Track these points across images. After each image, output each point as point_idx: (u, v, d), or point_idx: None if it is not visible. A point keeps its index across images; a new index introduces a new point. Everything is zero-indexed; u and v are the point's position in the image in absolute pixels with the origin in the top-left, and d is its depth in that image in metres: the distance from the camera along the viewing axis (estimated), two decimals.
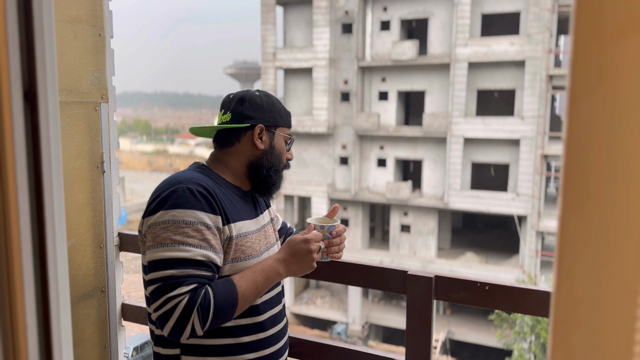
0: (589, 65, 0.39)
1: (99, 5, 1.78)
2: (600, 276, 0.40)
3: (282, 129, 1.48)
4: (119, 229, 1.98)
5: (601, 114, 0.39)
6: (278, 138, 1.46)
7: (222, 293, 1.22)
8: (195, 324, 1.18)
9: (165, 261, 1.21)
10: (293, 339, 1.74)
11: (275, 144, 1.45)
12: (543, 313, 1.43)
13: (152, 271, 1.23)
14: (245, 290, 1.27)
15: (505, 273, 17.17)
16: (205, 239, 1.24)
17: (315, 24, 19.57)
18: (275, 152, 1.45)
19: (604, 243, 0.40)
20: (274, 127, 1.45)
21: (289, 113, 1.51)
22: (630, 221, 0.39)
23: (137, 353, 11.04)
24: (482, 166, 19.19)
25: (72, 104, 1.72)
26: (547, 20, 16.52)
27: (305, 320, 20.06)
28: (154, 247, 1.23)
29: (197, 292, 1.19)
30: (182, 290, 1.18)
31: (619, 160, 0.39)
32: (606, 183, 0.39)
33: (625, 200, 0.39)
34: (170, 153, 66.09)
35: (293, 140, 1.52)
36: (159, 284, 1.20)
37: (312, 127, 19.94)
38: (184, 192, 1.26)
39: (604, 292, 0.40)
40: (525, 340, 13.27)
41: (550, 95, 17.25)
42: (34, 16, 0.57)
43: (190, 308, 1.17)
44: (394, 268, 1.63)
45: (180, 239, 1.21)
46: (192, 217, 1.24)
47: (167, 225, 1.23)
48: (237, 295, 1.24)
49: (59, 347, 0.61)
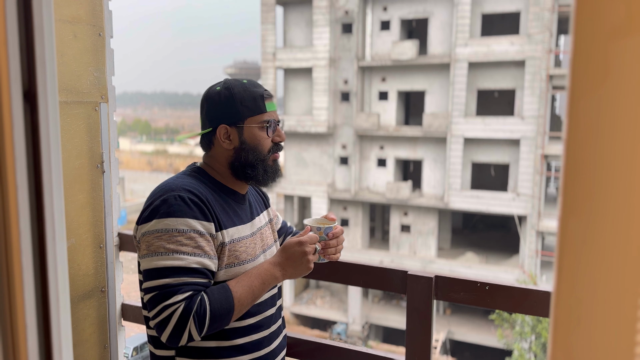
0: (589, 65, 0.39)
1: (99, 5, 1.78)
2: (600, 276, 0.40)
3: (251, 118, 1.37)
4: (119, 229, 1.98)
5: (601, 114, 0.39)
6: (248, 130, 1.37)
7: (217, 299, 1.22)
8: (192, 330, 1.19)
9: (160, 270, 1.22)
10: (292, 339, 1.74)
11: (245, 139, 1.38)
12: (543, 313, 1.43)
13: (148, 280, 1.24)
14: (242, 295, 1.27)
15: (505, 273, 17.17)
16: (198, 246, 1.25)
17: (315, 23, 19.57)
18: (248, 146, 1.38)
19: (604, 243, 0.40)
20: (239, 121, 1.37)
21: (257, 97, 1.38)
22: (630, 221, 0.39)
23: (137, 353, 11.04)
24: (482, 166, 19.19)
25: (72, 104, 1.72)
26: (547, 20, 16.52)
27: (305, 320, 20.05)
28: (149, 255, 1.25)
29: (193, 300, 1.19)
30: (177, 299, 1.19)
31: (619, 160, 0.39)
32: (606, 183, 0.39)
33: (625, 200, 0.39)
34: (170, 153, 66.08)
35: (272, 121, 1.40)
36: (155, 293, 1.21)
37: (312, 127, 19.93)
38: (176, 200, 1.26)
39: (604, 292, 0.40)
40: (526, 340, 13.27)
41: (550, 95, 17.25)
42: (34, 16, 0.57)
43: (186, 316, 1.18)
44: (394, 268, 1.63)
45: (174, 248, 1.22)
46: (184, 225, 1.24)
47: (160, 234, 1.24)
48: (233, 300, 1.25)
49: (58, 347, 0.61)
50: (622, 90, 0.38)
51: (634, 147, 0.38)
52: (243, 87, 1.38)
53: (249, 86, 1.39)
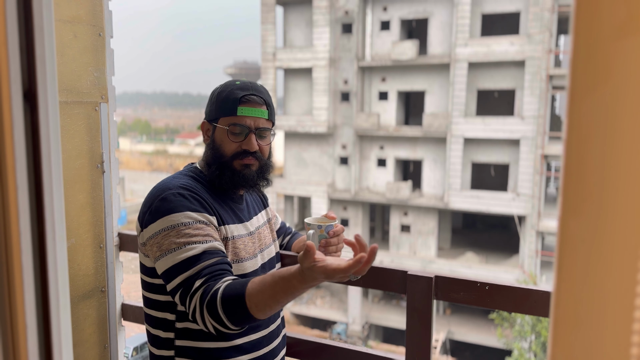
0: (589, 65, 0.39)
1: (99, 5, 1.78)
2: (600, 276, 0.40)
3: (223, 119, 1.37)
4: (119, 229, 1.98)
5: (601, 114, 0.39)
6: (218, 130, 1.38)
7: (231, 287, 1.16)
8: (221, 313, 1.14)
9: (177, 266, 1.21)
10: (292, 339, 1.74)
11: (215, 137, 1.39)
12: (543, 313, 1.43)
13: (170, 280, 1.23)
14: (257, 290, 1.13)
15: (505, 273, 17.17)
16: (207, 234, 1.25)
17: (315, 24, 19.57)
18: (215, 145, 1.39)
19: (604, 243, 0.40)
20: (214, 119, 1.39)
21: (233, 100, 1.36)
22: (630, 221, 0.39)
23: (137, 353, 11.04)
24: (482, 166, 19.19)
25: (72, 104, 1.71)
26: (547, 20, 16.52)
27: (305, 321, 20.05)
28: (163, 256, 1.24)
29: (210, 285, 1.17)
30: (196, 285, 1.18)
31: (618, 160, 0.39)
32: (606, 183, 0.39)
33: (625, 200, 0.39)
34: (170, 153, 66.04)
35: (242, 126, 1.36)
36: (180, 290, 1.21)
37: (312, 127, 19.93)
38: (175, 196, 1.27)
39: (604, 292, 0.40)
40: (526, 339, 13.27)
41: (550, 95, 17.25)
42: (34, 16, 0.57)
43: (202, 301, 1.16)
44: (394, 268, 1.63)
45: (184, 240, 1.22)
46: (188, 218, 1.25)
47: (167, 231, 1.24)
48: (245, 291, 1.14)
49: (58, 347, 0.61)
50: (622, 90, 0.38)
51: (634, 147, 0.38)
52: (230, 88, 1.39)
53: (235, 88, 1.39)
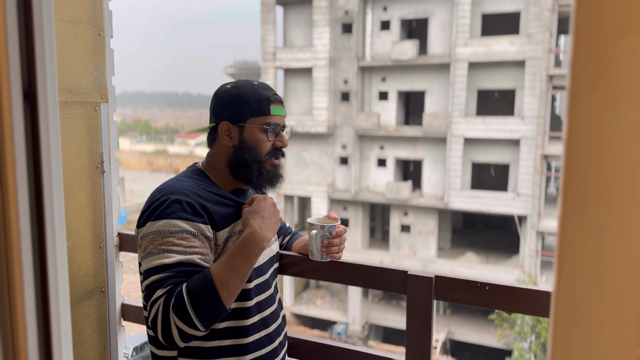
0: (589, 65, 0.39)
1: (99, 5, 1.78)
2: (600, 276, 0.40)
3: (253, 119, 1.39)
4: (119, 229, 1.98)
5: (601, 114, 0.39)
6: (248, 130, 1.39)
7: (195, 285, 1.19)
8: (178, 323, 1.16)
9: (150, 270, 1.24)
10: (292, 339, 1.74)
11: (245, 138, 1.39)
12: (543, 313, 1.42)
13: (143, 281, 1.27)
14: (222, 274, 1.21)
15: (505, 273, 17.17)
16: (191, 246, 1.25)
17: (315, 23, 19.57)
18: (246, 145, 1.39)
19: (604, 243, 0.40)
20: (241, 120, 1.39)
21: (263, 100, 1.39)
22: (630, 221, 0.39)
23: (137, 353, 11.03)
24: (482, 166, 19.19)
25: (72, 104, 1.72)
26: (547, 20, 16.51)
27: (305, 321, 20.05)
28: (145, 257, 1.27)
29: (172, 292, 1.19)
30: (159, 294, 1.19)
31: (619, 160, 0.39)
32: (606, 183, 0.39)
33: (626, 200, 0.39)
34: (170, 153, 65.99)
35: (277, 125, 1.41)
36: (145, 292, 1.24)
37: (312, 127, 19.93)
38: (172, 203, 1.28)
39: (604, 292, 0.40)
40: (526, 340, 13.27)
41: (550, 95, 17.25)
42: (34, 16, 0.57)
43: (166, 309, 1.17)
44: (394, 268, 1.63)
45: (165, 248, 1.24)
46: (177, 226, 1.25)
47: (154, 235, 1.26)
48: (213, 282, 1.19)
49: (58, 347, 0.61)
50: (622, 90, 0.38)
51: (634, 147, 0.38)
52: (251, 88, 1.40)
53: (258, 88, 1.41)
